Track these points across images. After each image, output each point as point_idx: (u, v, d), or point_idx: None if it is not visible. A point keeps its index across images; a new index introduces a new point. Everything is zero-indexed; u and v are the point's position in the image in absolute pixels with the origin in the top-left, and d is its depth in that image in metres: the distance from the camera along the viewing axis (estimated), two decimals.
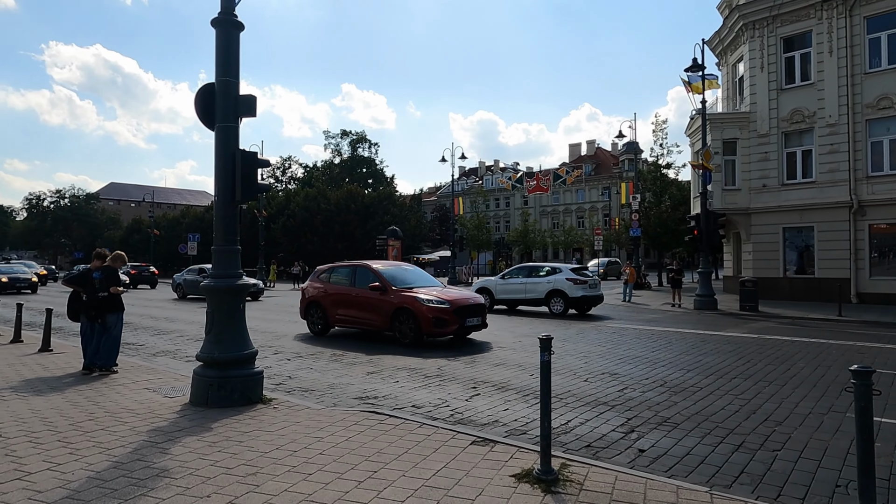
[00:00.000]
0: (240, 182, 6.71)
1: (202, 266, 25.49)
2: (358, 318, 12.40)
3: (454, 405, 6.86)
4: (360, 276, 12.71)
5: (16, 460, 4.54)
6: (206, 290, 6.82)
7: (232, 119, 6.83)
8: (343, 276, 13.20)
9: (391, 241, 46.60)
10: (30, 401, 6.55)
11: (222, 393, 6.46)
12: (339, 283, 13.10)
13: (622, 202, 34.58)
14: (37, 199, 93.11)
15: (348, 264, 13.91)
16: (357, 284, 12.57)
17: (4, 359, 9.34)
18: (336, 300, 12.80)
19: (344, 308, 12.61)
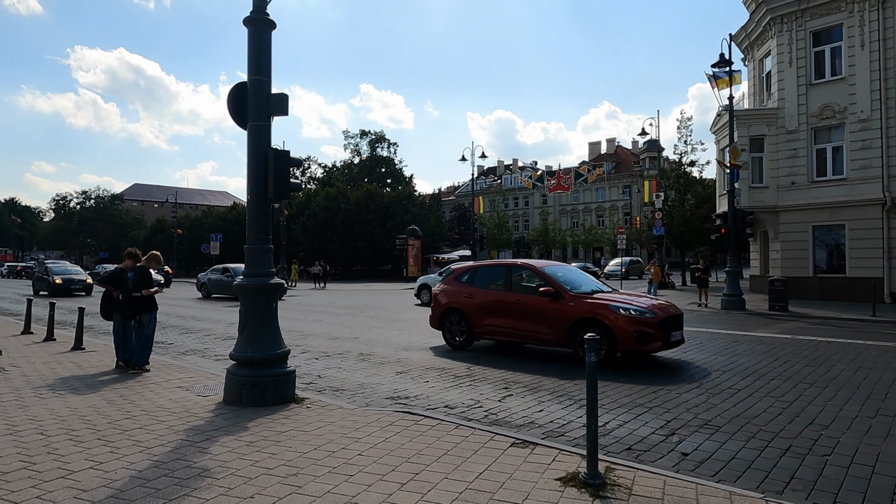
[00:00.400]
0: (272, 181, 6.69)
1: (226, 265, 25.72)
2: (518, 330, 10.06)
3: (487, 406, 6.78)
4: (519, 278, 10.66)
5: (59, 458, 4.56)
6: (239, 290, 6.82)
7: (264, 118, 6.81)
8: (494, 278, 11.07)
9: (411, 240, 46.74)
10: (67, 399, 6.60)
11: (256, 392, 6.45)
12: (488, 286, 10.90)
13: (645, 200, 34.18)
14: (63, 200, 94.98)
15: (500, 263, 11.84)
16: (515, 288, 10.48)
17: (39, 357, 9.47)
18: (485, 307, 10.51)
19: (497, 317, 10.31)
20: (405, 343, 11.79)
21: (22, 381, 7.60)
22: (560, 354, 10.17)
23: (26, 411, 6.03)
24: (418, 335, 12.98)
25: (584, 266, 44.14)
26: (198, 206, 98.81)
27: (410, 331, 13.78)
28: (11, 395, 6.73)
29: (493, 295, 10.58)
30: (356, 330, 14.05)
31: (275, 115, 6.89)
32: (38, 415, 5.90)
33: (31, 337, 11.95)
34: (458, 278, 11.53)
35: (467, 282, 11.28)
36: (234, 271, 24.43)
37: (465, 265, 12.39)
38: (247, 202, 6.90)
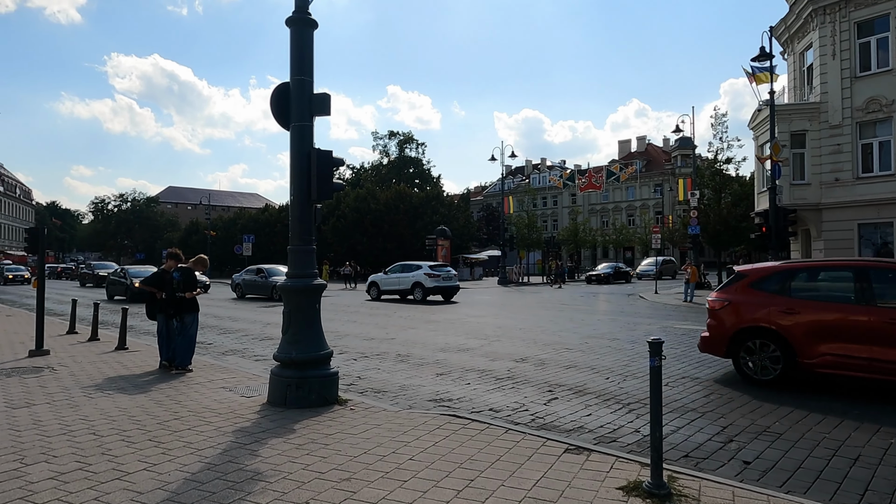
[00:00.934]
0: (315, 181, 6.66)
1: (260, 266, 26.02)
2: None
3: (533, 409, 6.63)
4: (883, 285, 7.50)
5: (112, 459, 4.57)
6: (283, 291, 6.81)
7: (307, 118, 6.79)
8: (834, 284, 8.19)
9: (440, 240, 46.64)
10: (116, 399, 6.67)
11: (300, 393, 6.42)
12: (823, 296, 8.10)
13: (679, 199, 33.45)
14: (102, 203, 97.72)
15: (839, 263, 8.74)
16: (881, 299, 7.27)
17: (86, 357, 9.64)
18: (823, 328, 7.40)
19: (846, 342, 7.18)
20: (442, 344, 11.69)
21: (71, 380, 7.73)
22: (607, 355, 9.96)
23: (77, 411, 6.11)
24: (454, 336, 12.87)
25: (617, 266, 43.51)
26: (230, 208, 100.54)
27: (445, 331, 13.68)
28: (62, 395, 6.83)
29: (837, 309, 7.55)
30: (391, 330, 14.01)
31: (317, 114, 6.86)
32: (90, 414, 5.96)
33: (76, 337, 12.20)
34: (758, 285, 8.23)
35: (779, 290, 8.05)
36: (268, 272, 24.71)
37: (769, 266, 8.80)
38: (290, 203, 6.88)
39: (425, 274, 23.31)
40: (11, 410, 6.10)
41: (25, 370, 8.41)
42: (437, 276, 23.41)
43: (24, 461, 4.51)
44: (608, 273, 40.89)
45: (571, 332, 13.34)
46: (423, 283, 23.22)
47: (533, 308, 20.59)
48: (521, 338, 12.49)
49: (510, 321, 15.96)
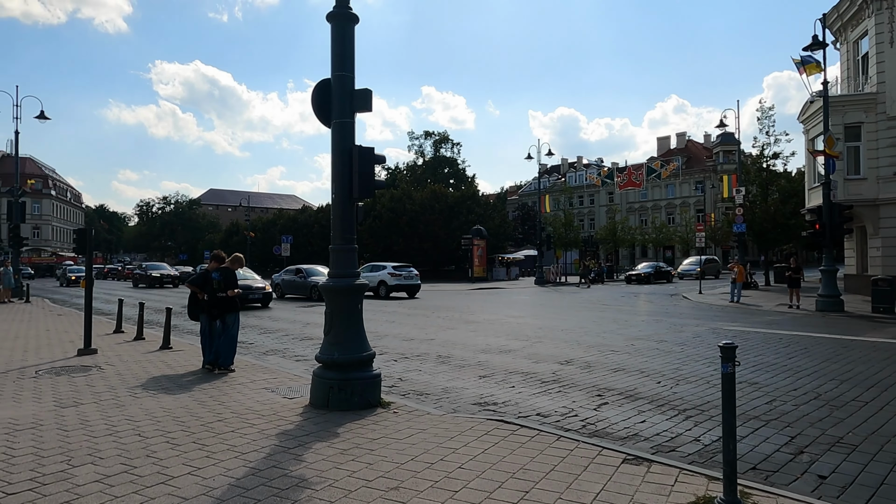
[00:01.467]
0: (357, 179, 6.52)
1: (299, 266, 26.26)
2: None
3: (583, 415, 6.34)
4: None
5: (157, 462, 4.50)
6: (324, 291, 6.70)
7: (348, 114, 6.65)
8: None
9: (476, 240, 46.38)
10: (160, 399, 6.67)
11: (343, 395, 6.29)
12: None
13: (723, 196, 32.33)
14: (146, 206, 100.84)
15: None
16: None
17: (131, 356, 9.76)
18: None
19: None
20: (482, 345, 11.46)
21: (117, 379, 7.80)
22: (656, 358, 9.57)
23: (123, 411, 6.11)
24: (494, 337, 12.62)
25: (657, 265, 42.44)
26: (268, 210, 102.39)
27: (486, 332, 13.44)
28: (109, 394, 6.87)
29: None
30: (430, 331, 13.85)
31: (359, 111, 6.72)
32: (135, 415, 5.95)
33: (122, 336, 12.42)
34: None
35: None
36: (307, 272, 24.92)
37: None
38: (331, 201, 6.76)
39: (389, 273, 26.23)
40: (60, 410, 6.14)
41: (74, 369, 8.53)
42: (399, 276, 26.26)
43: (71, 462, 4.48)
44: (648, 272, 39.90)
45: (615, 334, 12.93)
46: (386, 281, 25.97)
47: (573, 308, 20.16)
48: (564, 339, 12.15)
49: (551, 322, 15.61)
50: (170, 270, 40.59)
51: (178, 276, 38.06)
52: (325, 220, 59.56)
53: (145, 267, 41.39)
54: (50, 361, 9.22)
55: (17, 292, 24.74)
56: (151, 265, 42.60)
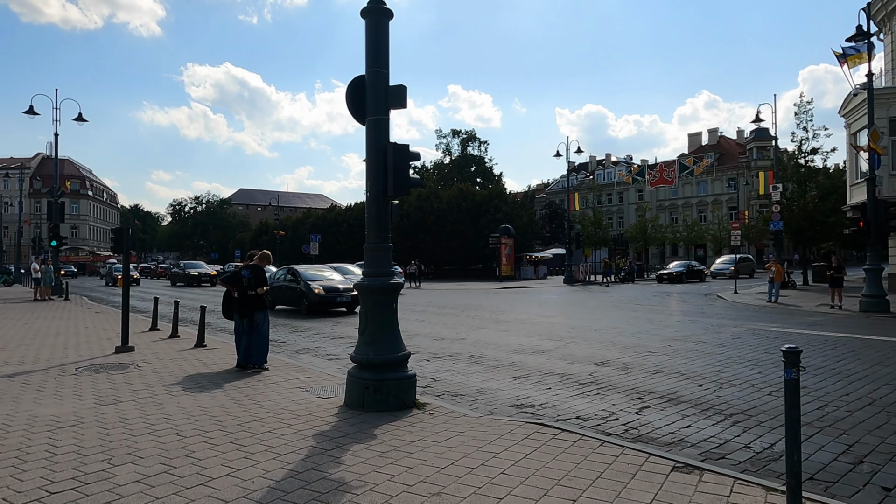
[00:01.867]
0: (392, 177, 6.43)
1: (331, 265, 26.41)
2: None
3: (624, 419, 6.14)
4: None
5: (196, 462, 4.47)
6: (359, 290, 6.62)
7: (383, 111, 6.57)
8: None
9: (504, 239, 46.11)
10: (196, 397, 6.68)
11: (378, 396, 6.21)
12: None
13: (759, 192, 31.47)
14: (179, 206, 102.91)
15: None
16: None
17: (167, 354, 9.86)
18: None
19: None
20: (515, 345, 11.29)
21: (154, 377, 7.86)
22: (696, 360, 9.29)
23: (161, 409, 6.13)
24: (526, 337, 12.44)
25: (689, 264, 41.59)
26: (297, 209, 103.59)
27: (517, 332, 13.26)
28: (146, 392, 6.92)
29: None
30: (461, 330, 13.73)
31: (393, 107, 6.63)
32: (172, 413, 5.96)
33: (157, 333, 12.59)
34: None
35: None
36: (341, 270, 25.04)
37: None
38: (366, 199, 6.68)
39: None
40: (100, 407, 6.19)
41: (112, 366, 8.65)
42: None
43: (111, 461, 4.48)
44: (680, 272, 39.09)
45: (651, 334, 12.62)
46: None
47: (605, 308, 19.82)
48: (598, 339, 11.90)
49: (583, 322, 15.35)
50: (208, 269, 40.14)
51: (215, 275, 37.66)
52: (354, 219, 59.90)
53: (183, 265, 40.97)
54: (89, 359, 9.37)
55: (56, 290, 25.40)
56: (190, 264, 42.15)
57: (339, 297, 17.61)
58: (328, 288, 17.95)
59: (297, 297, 18.50)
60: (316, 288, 17.88)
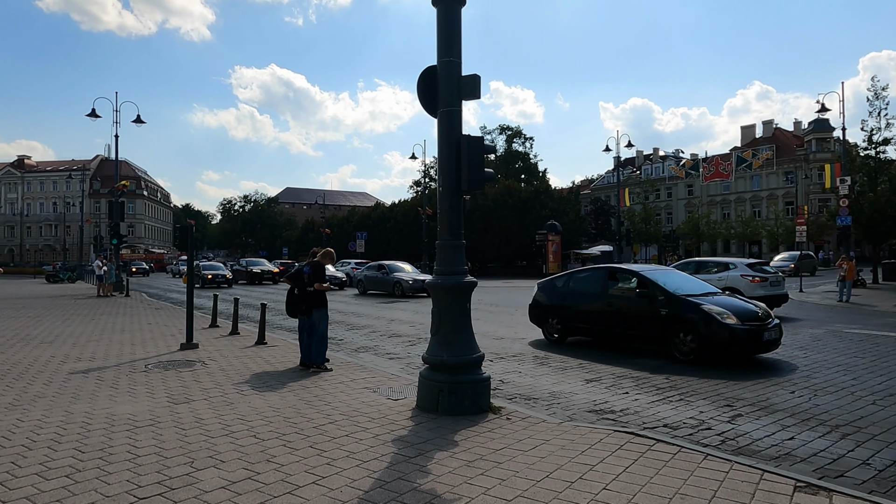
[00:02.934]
0: (466, 170, 6.15)
1: (381, 262, 26.48)
2: None
3: (718, 428, 5.71)
4: None
5: (279, 469, 4.31)
6: (432, 289, 6.37)
7: (455, 102, 6.30)
8: None
9: (551, 235, 45.42)
10: (267, 397, 6.58)
11: (453, 399, 5.96)
12: None
13: (826, 186, 29.89)
14: (229, 204, 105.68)
15: None
16: None
17: (231, 351, 9.88)
18: None
19: None
20: None
21: (222, 375, 7.83)
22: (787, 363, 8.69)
23: (234, 409, 6.04)
24: None
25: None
26: (341, 207, 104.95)
27: None
28: (217, 391, 6.86)
29: None
30: (518, 329, 13.38)
31: (467, 98, 6.36)
32: (246, 414, 5.86)
33: (218, 331, 12.72)
34: None
35: None
36: (390, 268, 25.10)
37: None
38: (438, 194, 6.43)
39: None
40: (174, 406, 6.15)
41: (180, 364, 8.69)
42: None
43: (193, 465, 4.36)
44: None
45: None
46: None
47: None
48: None
49: None
50: (270, 266, 38.75)
51: (277, 272, 36.87)
52: (399, 217, 60.09)
53: (245, 263, 39.44)
54: (156, 355, 9.46)
55: (117, 286, 26.25)
56: (252, 261, 40.23)
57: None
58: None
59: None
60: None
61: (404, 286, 23.81)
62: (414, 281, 24.07)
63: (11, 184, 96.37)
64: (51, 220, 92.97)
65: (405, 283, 23.92)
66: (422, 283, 24.23)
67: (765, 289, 15.66)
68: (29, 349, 10.11)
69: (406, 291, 23.81)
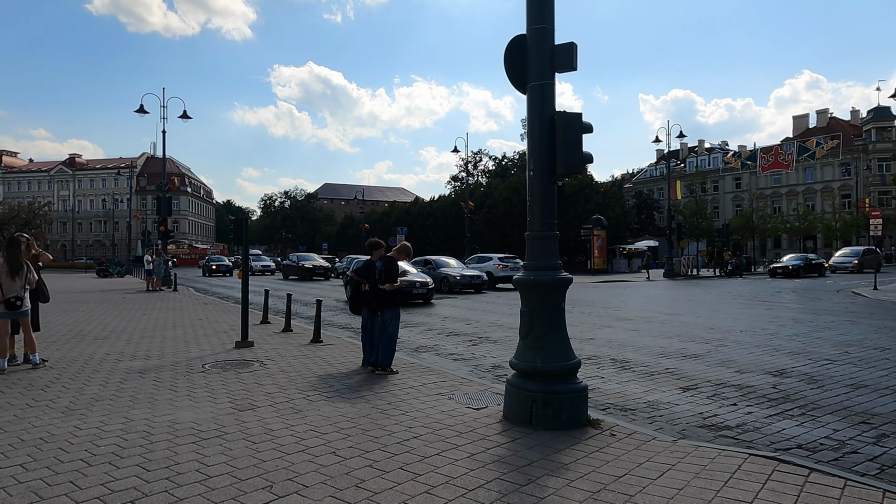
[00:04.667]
0: (562, 152, 5.43)
1: (427, 258, 25.86)
2: None
3: (866, 451, 4.85)
4: None
5: (372, 497, 3.67)
6: (521, 286, 5.68)
7: (548, 75, 5.57)
8: None
9: (596, 230, 44.17)
10: (336, 405, 6.00)
11: (549, 412, 5.25)
12: None
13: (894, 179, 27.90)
14: (270, 200, 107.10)
15: None
16: None
17: (287, 350, 9.39)
18: None
19: None
20: (656, 348, 10.04)
21: (283, 377, 7.31)
22: (891, 373, 7.70)
23: (304, 418, 5.47)
24: (663, 338, 11.12)
25: (807, 257, 37.91)
26: (378, 203, 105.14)
27: (649, 332, 11.94)
28: (281, 396, 6.32)
29: None
30: (583, 329, 12.56)
31: (560, 70, 5.62)
32: (318, 424, 5.27)
33: (270, 327, 12.30)
34: None
35: None
36: (437, 263, 24.49)
37: None
38: (528, 180, 5.72)
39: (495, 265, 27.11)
40: (238, 413, 5.62)
41: (238, 364, 8.22)
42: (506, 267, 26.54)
43: (273, 490, 3.78)
44: (797, 265, 35.69)
45: (812, 337, 10.95)
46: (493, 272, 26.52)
47: (730, 305, 17.95)
48: (754, 343, 10.40)
49: (718, 321, 13.75)
50: (321, 261, 37.57)
51: (329, 268, 35.94)
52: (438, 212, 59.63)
53: (296, 258, 38.15)
54: (212, 354, 9.04)
55: (165, 281, 26.41)
56: (303, 256, 39.10)
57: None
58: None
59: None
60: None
61: (451, 281, 23.17)
62: (461, 276, 23.41)
63: (64, 181, 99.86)
64: (100, 216, 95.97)
65: (452, 278, 23.28)
66: (469, 278, 23.53)
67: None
68: (84, 345, 9.84)
69: (453, 287, 23.17)
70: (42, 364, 7.96)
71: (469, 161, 79.85)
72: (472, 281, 23.35)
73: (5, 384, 6.86)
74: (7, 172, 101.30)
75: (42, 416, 5.45)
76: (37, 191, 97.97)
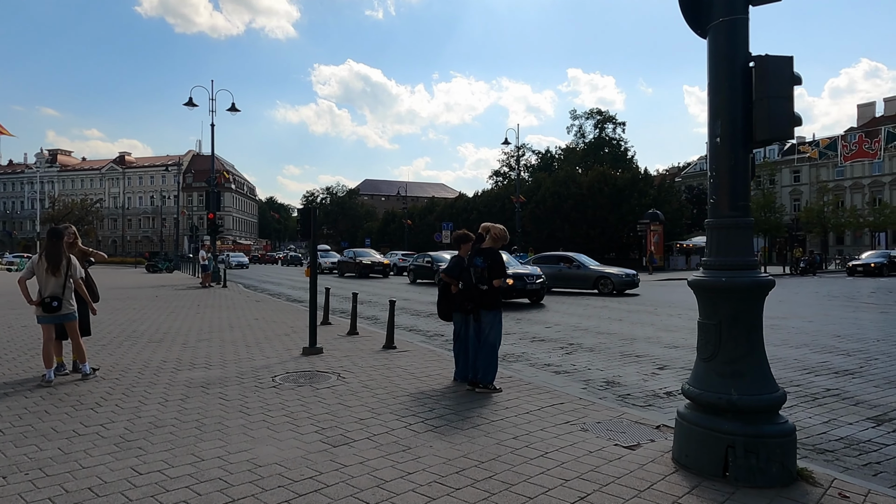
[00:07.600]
0: (762, 109, 4.02)
1: None
2: None
3: None
4: None
5: None
6: (705, 290, 4.32)
7: (740, 7, 4.18)
8: None
9: (652, 225, 42.05)
10: (451, 439, 4.71)
11: (752, 462, 3.86)
12: None
13: None
14: (312, 196, 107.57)
15: None
16: None
17: (362, 359, 8.20)
18: None
19: None
20: (790, 360, 8.51)
21: (369, 396, 6.09)
22: None
23: (416, 459, 4.21)
24: (791, 349, 9.59)
25: (890, 255, 35.06)
26: (419, 198, 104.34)
27: (770, 340, 10.12)
28: (377, 424, 5.09)
29: None
30: (686, 335, 11.03)
31: (759, 2, 4.21)
32: (439, 470, 4.01)
33: (333, 329, 11.19)
34: None
35: None
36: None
37: None
38: (709, 149, 4.32)
39: None
40: (332, 450, 4.40)
41: (311, 376, 7.06)
42: None
43: None
44: (880, 263, 32.95)
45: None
46: None
47: (830, 307, 16.07)
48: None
49: (836, 326, 12.04)
50: (380, 258, 35.34)
51: (388, 264, 33.95)
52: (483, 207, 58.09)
53: (353, 254, 35.52)
54: (279, 362, 7.92)
55: (214, 277, 25.84)
56: (360, 252, 36.38)
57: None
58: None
59: None
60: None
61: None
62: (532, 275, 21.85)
63: (114, 179, 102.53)
64: (148, 212, 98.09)
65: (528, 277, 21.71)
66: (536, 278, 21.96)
67: None
68: (137, 349, 8.88)
69: None
70: (92, 374, 6.97)
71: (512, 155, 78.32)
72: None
73: (51, 401, 5.85)
74: (62, 171, 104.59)
75: (92, 452, 4.35)
76: (89, 188, 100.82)
